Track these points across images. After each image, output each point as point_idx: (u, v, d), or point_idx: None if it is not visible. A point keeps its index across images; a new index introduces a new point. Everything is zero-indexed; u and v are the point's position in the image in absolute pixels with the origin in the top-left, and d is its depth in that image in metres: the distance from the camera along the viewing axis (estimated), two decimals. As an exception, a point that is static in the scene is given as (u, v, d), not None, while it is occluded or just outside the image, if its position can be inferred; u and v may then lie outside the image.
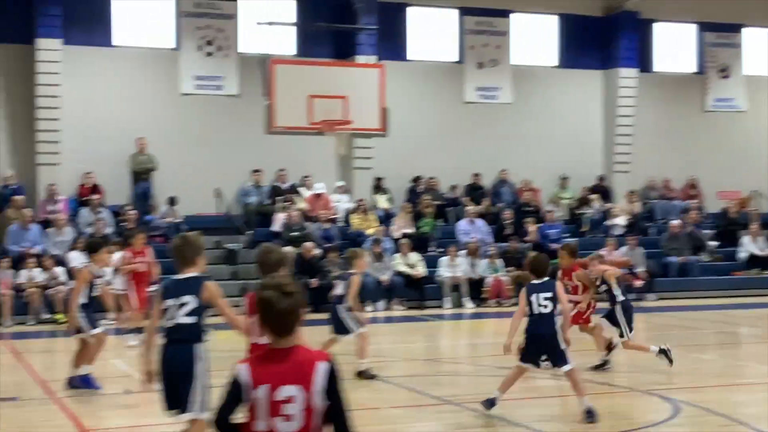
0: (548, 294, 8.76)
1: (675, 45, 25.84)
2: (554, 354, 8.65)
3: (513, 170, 23.88)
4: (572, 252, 11.57)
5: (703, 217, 24.22)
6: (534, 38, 24.67)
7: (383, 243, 20.42)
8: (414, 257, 20.55)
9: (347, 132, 16.93)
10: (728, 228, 23.91)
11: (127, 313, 14.27)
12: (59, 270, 18.26)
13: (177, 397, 6.44)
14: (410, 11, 23.48)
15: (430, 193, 22.79)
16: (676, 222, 23.17)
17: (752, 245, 23.08)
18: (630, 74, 24.69)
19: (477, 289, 20.48)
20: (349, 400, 3.73)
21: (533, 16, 24.65)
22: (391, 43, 22.30)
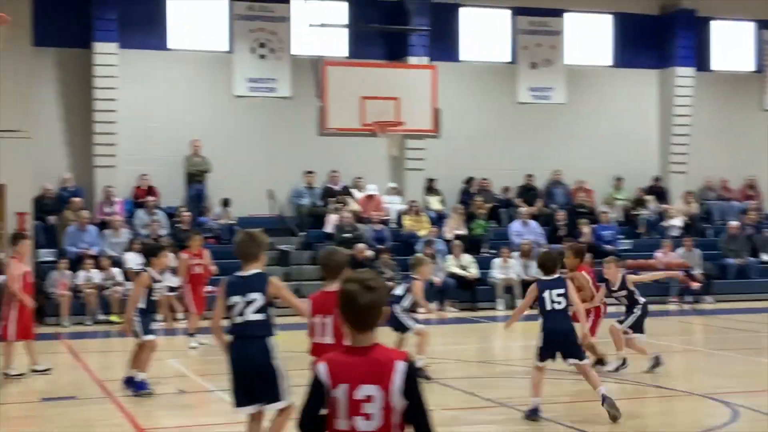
0: (560, 290, 8.90)
1: (732, 43, 25.42)
2: (570, 348, 8.85)
3: (567, 171, 23.68)
4: (577, 253, 11.34)
5: (762, 218, 23.80)
6: (588, 38, 24.45)
7: (435, 244, 20.36)
8: (466, 259, 20.47)
9: (399, 133, 16.92)
10: (788, 229, 23.47)
11: (189, 316, 14.32)
12: (116, 271, 18.51)
13: (255, 392, 6.51)
14: (463, 12, 23.40)
15: (483, 195, 22.69)
16: (734, 223, 22.79)
17: (813, 247, 22.65)
18: (687, 73, 24.34)
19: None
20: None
21: (587, 16, 24.43)
22: (444, 44, 22.24)
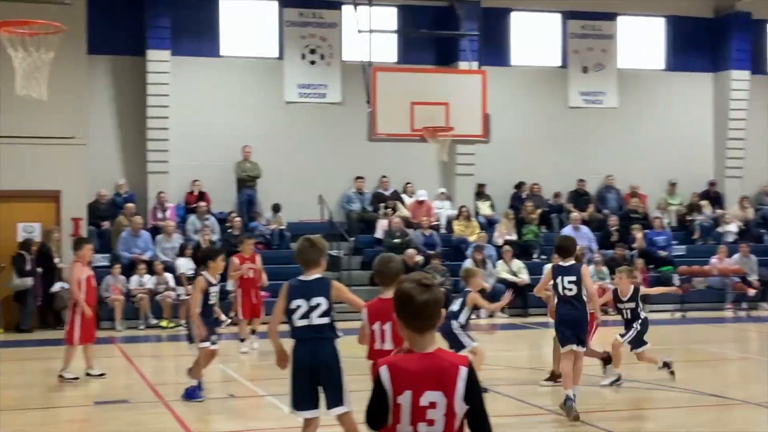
0: (572, 277, 9.04)
1: (789, 45, 25.00)
2: (582, 335, 9.09)
3: (619, 176, 23.44)
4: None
5: (820, 224, 23.34)
6: (641, 41, 24.20)
7: (486, 250, 20.27)
8: (517, 264, 20.35)
9: (449, 138, 16.86)
10: None
11: (239, 321, 14.39)
12: (168, 276, 18.71)
13: (318, 396, 6.60)
14: (513, 16, 23.31)
15: (534, 200, 22.55)
16: (791, 229, 22.38)
17: None
18: (742, 76, 23.96)
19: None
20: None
21: (640, 19, 24.19)
22: (494, 49, 22.15)
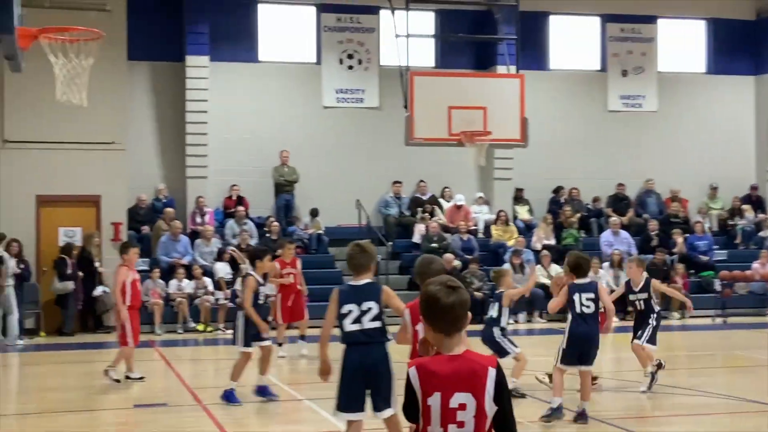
0: (591, 294, 9.02)
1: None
2: (592, 352, 9.05)
3: (659, 180, 23.22)
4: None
5: None
6: (681, 44, 23.96)
7: (524, 254, 20.16)
8: (555, 269, 20.20)
9: (487, 143, 16.80)
10: None
11: (278, 325, 14.42)
12: (206, 280, 18.82)
13: (365, 399, 6.65)
14: (552, 20, 23.20)
15: (572, 204, 22.40)
16: (836, 233, 22.02)
17: None
18: (785, 79, 23.68)
19: (621, 302, 19.92)
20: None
21: (680, 21, 23.96)
22: (532, 53, 22.05)
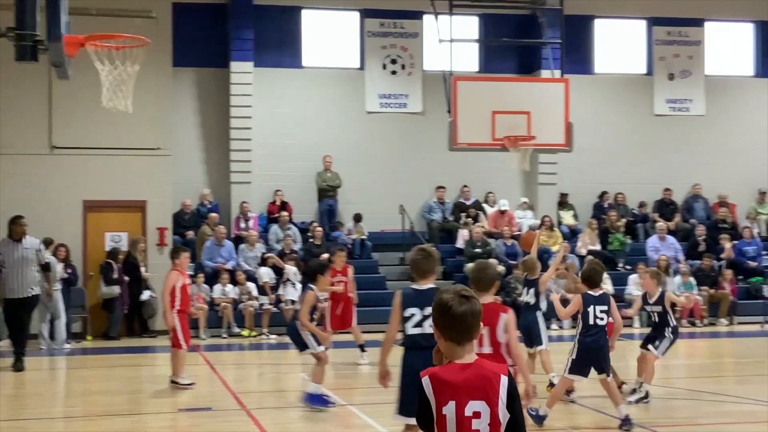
0: (604, 307, 9.13)
1: None
2: (604, 363, 9.14)
3: (706, 185, 22.91)
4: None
5: None
6: (729, 47, 23.64)
7: (568, 260, 19.98)
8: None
9: (531, 148, 16.70)
10: None
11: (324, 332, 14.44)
12: (250, 285, 18.90)
13: None
14: (597, 23, 23.02)
15: (618, 209, 22.19)
16: None
17: None
18: (835, 81, 23.24)
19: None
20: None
21: (728, 24, 23.63)
22: (577, 57, 21.88)
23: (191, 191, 20.63)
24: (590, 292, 9.17)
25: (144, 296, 18.39)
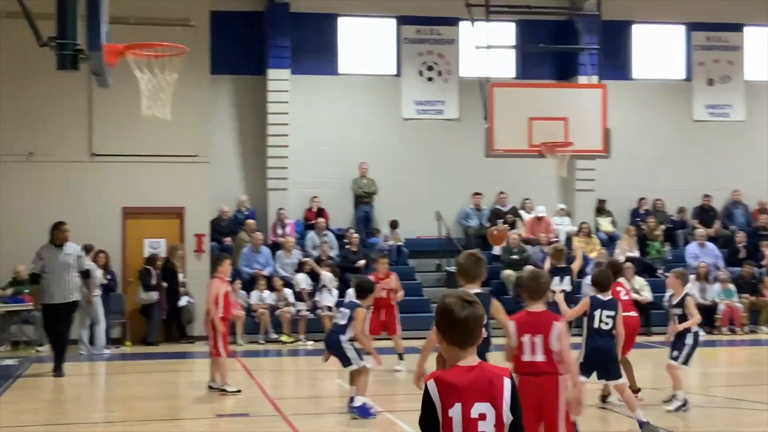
0: (611, 312, 9.18)
1: None
2: (609, 368, 9.19)
3: (747, 191, 22.63)
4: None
5: None
6: (769, 52, 23.38)
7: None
8: (639, 281, 19.84)
9: (568, 154, 16.63)
10: None
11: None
12: (287, 291, 18.97)
13: None
14: (635, 28, 22.87)
15: (656, 216, 22.00)
16: None
17: None
18: None
19: (708, 316, 19.56)
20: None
21: (768, 29, 23.40)
22: (615, 62, 21.72)
23: (229, 198, 20.76)
24: (599, 296, 9.18)
25: (182, 302, 18.53)
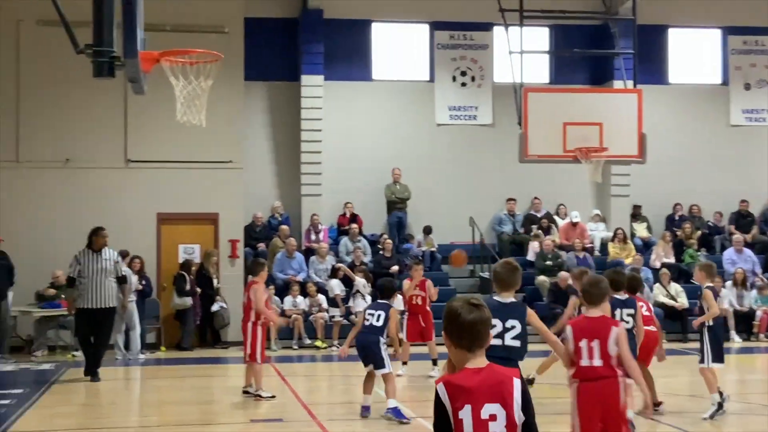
0: (631, 310, 9.19)
1: None
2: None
3: (785, 196, 22.41)
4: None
5: None
6: (807, 55, 23.10)
7: (642, 273, 19.67)
8: (675, 288, 19.68)
9: (603, 159, 16.52)
10: None
11: (403, 344, 14.44)
12: (321, 297, 18.99)
13: None
14: (671, 32, 22.69)
15: (693, 221, 21.79)
16: None
17: None
18: None
19: (745, 323, 19.35)
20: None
21: (806, 32, 23.11)
22: (651, 67, 21.57)
23: (262, 204, 20.84)
24: (616, 296, 9.04)
25: (214, 307, 18.60)
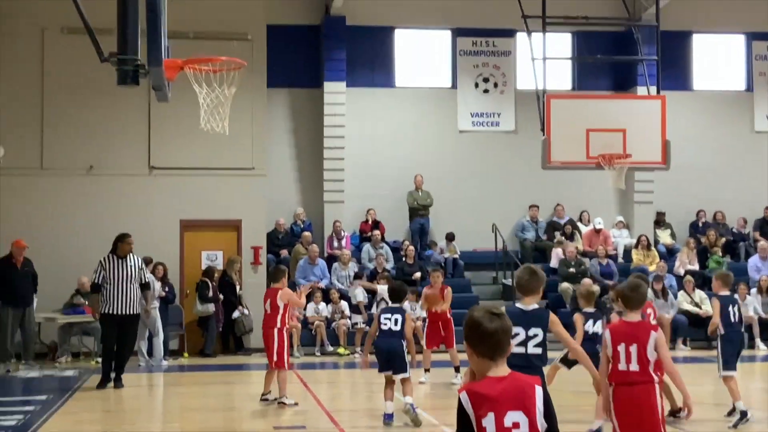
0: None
1: None
2: None
3: (811, 203, 22.20)
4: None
5: None
6: (833, 60, 22.90)
7: (666, 280, 19.56)
8: (699, 295, 19.52)
9: (626, 166, 16.43)
10: None
11: (424, 351, 14.44)
12: (343, 304, 18.98)
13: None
14: (695, 38, 22.56)
15: (717, 228, 21.63)
16: None
17: None
18: None
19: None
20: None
21: (832, 37, 22.91)
22: (674, 73, 21.45)
23: (285, 210, 20.86)
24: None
25: (235, 314, 18.59)
